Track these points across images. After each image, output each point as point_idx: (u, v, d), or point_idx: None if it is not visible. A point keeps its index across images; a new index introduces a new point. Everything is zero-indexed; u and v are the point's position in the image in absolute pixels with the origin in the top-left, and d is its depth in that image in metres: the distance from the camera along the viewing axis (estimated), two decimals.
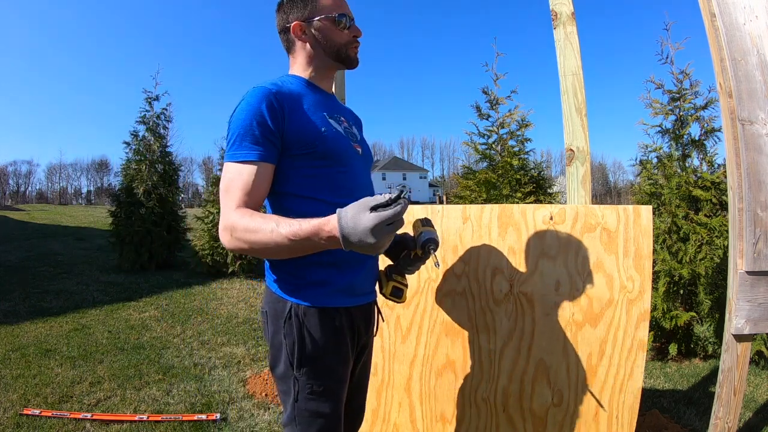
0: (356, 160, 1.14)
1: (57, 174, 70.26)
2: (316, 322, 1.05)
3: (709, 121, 3.53)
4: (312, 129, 1.05)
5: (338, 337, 1.08)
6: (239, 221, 0.95)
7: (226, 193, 1.00)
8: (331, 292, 1.07)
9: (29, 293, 5.28)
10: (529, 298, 1.52)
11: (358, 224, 0.83)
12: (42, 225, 13.47)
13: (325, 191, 1.06)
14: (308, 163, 1.05)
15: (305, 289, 1.07)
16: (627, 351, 1.44)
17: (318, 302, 1.06)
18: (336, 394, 1.09)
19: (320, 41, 1.13)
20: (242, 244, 0.95)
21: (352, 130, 1.20)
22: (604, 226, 1.48)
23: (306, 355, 1.05)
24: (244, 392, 2.82)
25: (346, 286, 1.09)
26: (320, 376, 1.06)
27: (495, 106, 4.38)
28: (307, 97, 1.10)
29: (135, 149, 7.62)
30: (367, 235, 0.83)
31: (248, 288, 6.05)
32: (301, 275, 1.07)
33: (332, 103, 1.19)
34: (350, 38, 1.14)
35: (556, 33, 1.84)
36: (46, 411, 2.44)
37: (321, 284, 1.07)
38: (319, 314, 1.06)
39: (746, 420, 2.53)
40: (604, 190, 63.71)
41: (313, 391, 1.05)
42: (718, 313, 3.27)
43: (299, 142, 1.03)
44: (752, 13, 1.44)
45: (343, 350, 1.10)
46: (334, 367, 1.08)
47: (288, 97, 1.04)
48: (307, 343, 1.05)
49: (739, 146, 1.42)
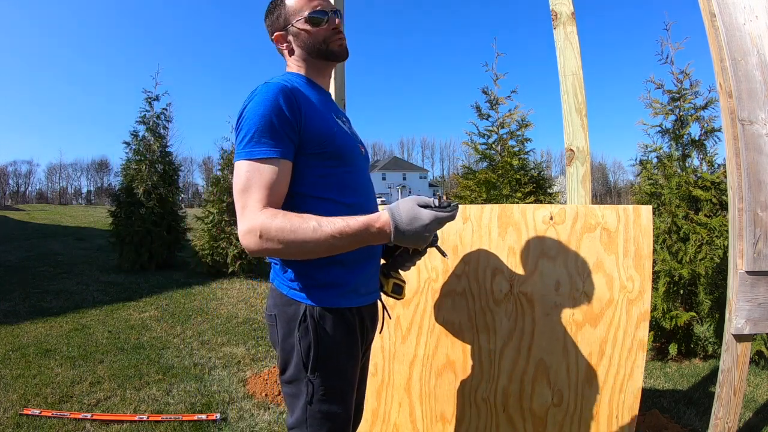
0: (360, 160, 1.15)
1: (57, 174, 70.29)
2: (331, 324, 1.05)
3: (709, 121, 3.53)
4: (326, 128, 1.05)
5: (351, 338, 1.09)
6: (271, 222, 0.91)
7: (246, 193, 0.95)
8: (345, 293, 1.07)
9: (29, 293, 5.28)
10: (529, 298, 1.52)
11: (415, 220, 0.92)
12: (42, 225, 13.47)
13: (333, 191, 1.06)
14: (320, 162, 1.04)
15: (318, 291, 1.05)
16: (627, 351, 1.44)
17: (333, 303, 1.06)
18: (348, 395, 1.09)
19: (301, 44, 1.13)
20: (275, 245, 0.92)
21: (353, 131, 1.21)
22: (604, 226, 1.48)
23: (321, 356, 1.04)
24: (244, 392, 2.82)
25: (355, 286, 1.09)
26: (334, 378, 1.06)
27: (495, 106, 4.38)
28: (314, 96, 1.10)
29: (135, 149, 7.61)
30: (423, 229, 0.92)
31: (248, 288, 6.05)
32: (313, 276, 1.05)
33: (333, 103, 1.20)
34: (328, 32, 1.12)
35: (556, 33, 1.84)
36: (46, 411, 2.44)
37: (333, 285, 1.06)
38: (334, 315, 1.05)
39: (746, 420, 2.53)
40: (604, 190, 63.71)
41: (327, 392, 1.04)
42: (718, 313, 3.27)
43: (313, 141, 1.02)
44: (752, 13, 1.43)
45: (355, 350, 1.11)
46: (346, 367, 1.08)
47: (301, 93, 1.03)
48: (324, 344, 1.04)
49: (739, 146, 1.42)
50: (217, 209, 6.96)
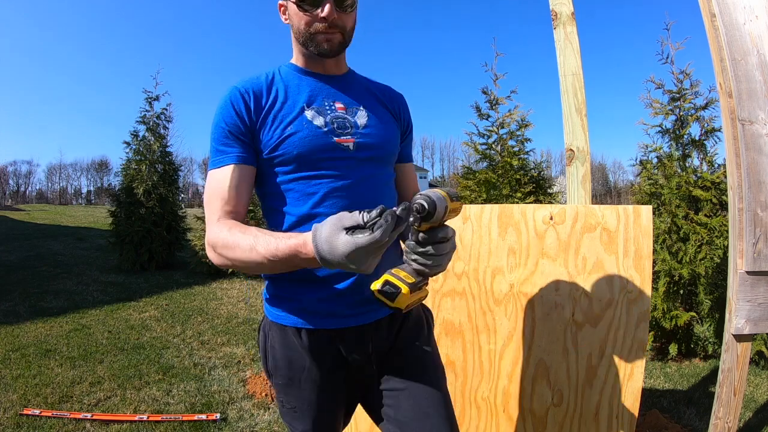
0: (339, 161, 0.96)
1: (57, 174, 70.30)
2: (278, 340, 0.99)
3: (709, 121, 3.53)
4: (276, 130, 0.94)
5: (309, 360, 0.97)
6: (218, 236, 0.87)
7: (207, 206, 0.93)
8: (296, 310, 0.97)
9: (29, 293, 5.27)
10: (529, 298, 1.52)
11: (334, 249, 0.70)
12: (42, 225, 13.47)
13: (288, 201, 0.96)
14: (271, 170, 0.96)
15: (271, 303, 1.01)
16: (627, 351, 1.44)
17: (277, 319, 0.99)
18: (309, 417, 1.00)
19: (291, 26, 0.99)
20: (225, 261, 0.87)
21: (347, 119, 0.99)
22: (604, 226, 1.48)
23: (272, 369, 1.01)
24: (244, 392, 2.82)
25: (308, 305, 0.96)
26: (290, 395, 1.00)
27: (495, 106, 4.38)
28: (290, 88, 0.98)
29: (135, 149, 7.61)
30: (346, 261, 0.71)
31: (248, 288, 6.05)
32: (270, 287, 1.01)
33: (324, 88, 1.01)
34: (311, 18, 0.93)
35: (556, 33, 1.84)
36: (46, 411, 2.43)
37: (286, 300, 0.98)
38: (280, 331, 0.98)
39: (746, 420, 2.53)
40: (604, 190, 63.70)
41: (284, 406, 1.02)
42: (718, 313, 3.27)
43: (266, 145, 0.94)
44: (752, 13, 1.44)
45: (316, 374, 0.97)
46: (305, 390, 0.98)
47: (259, 92, 0.96)
48: (271, 358, 1.00)
49: (739, 146, 1.42)
50: None
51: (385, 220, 0.69)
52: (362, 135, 0.99)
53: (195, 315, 4.69)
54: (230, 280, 6.56)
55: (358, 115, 1.01)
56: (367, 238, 0.69)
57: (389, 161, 1.06)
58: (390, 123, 1.07)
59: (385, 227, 0.69)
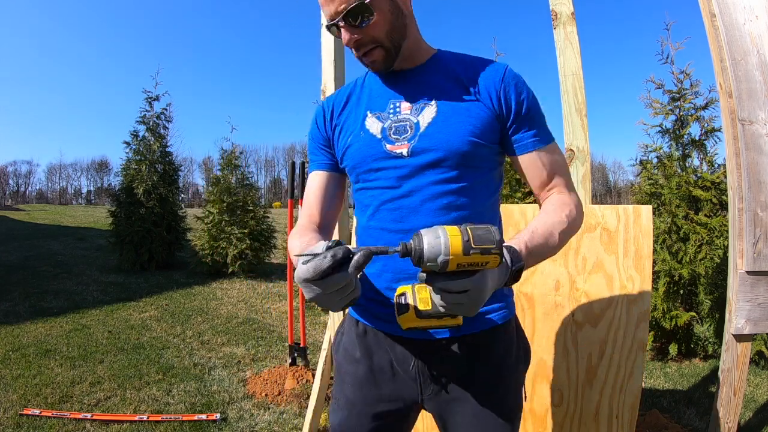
0: (390, 170, 0.88)
1: (57, 174, 70.33)
2: (347, 328, 1.02)
3: (709, 121, 3.53)
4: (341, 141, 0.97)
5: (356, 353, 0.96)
6: (289, 240, 0.94)
7: None
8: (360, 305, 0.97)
9: (29, 293, 5.27)
10: (529, 298, 1.52)
11: (298, 271, 0.64)
12: (42, 225, 13.47)
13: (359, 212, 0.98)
14: (350, 179, 1.00)
15: None
16: (627, 351, 1.44)
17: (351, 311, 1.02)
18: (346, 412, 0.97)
19: None
20: None
21: (408, 121, 0.88)
22: (604, 226, 1.48)
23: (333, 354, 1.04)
24: (244, 392, 2.82)
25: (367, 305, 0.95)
26: (336, 385, 1.02)
27: None
28: (363, 95, 0.96)
29: (135, 149, 7.60)
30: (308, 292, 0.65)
31: (248, 288, 6.05)
32: None
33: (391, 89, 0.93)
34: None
35: (556, 33, 1.84)
36: (46, 411, 2.44)
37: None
38: (350, 320, 1.02)
39: (746, 420, 2.53)
40: (604, 190, 63.72)
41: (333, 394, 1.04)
42: (718, 313, 3.28)
43: (338, 157, 0.98)
44: (752, 13, 1.44)
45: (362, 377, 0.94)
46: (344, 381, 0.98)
47: (339, 103, 0.99)
48: (335, 344, 1.04)
49: (739, 146, 1.42)
50: (217, 209, 6.96)
51: (322, 257, 0.62)
52: (421, 137, 0.86)
53: (195, 315, 4.69)
54: (230, 280, 6.56)
55: (424, 112, 0.87)
56: (298, 270, 0.64)
57: (466, 163, 0.86)
58: (468, 113, 0.86)
59: (315, 264, 0.61)
